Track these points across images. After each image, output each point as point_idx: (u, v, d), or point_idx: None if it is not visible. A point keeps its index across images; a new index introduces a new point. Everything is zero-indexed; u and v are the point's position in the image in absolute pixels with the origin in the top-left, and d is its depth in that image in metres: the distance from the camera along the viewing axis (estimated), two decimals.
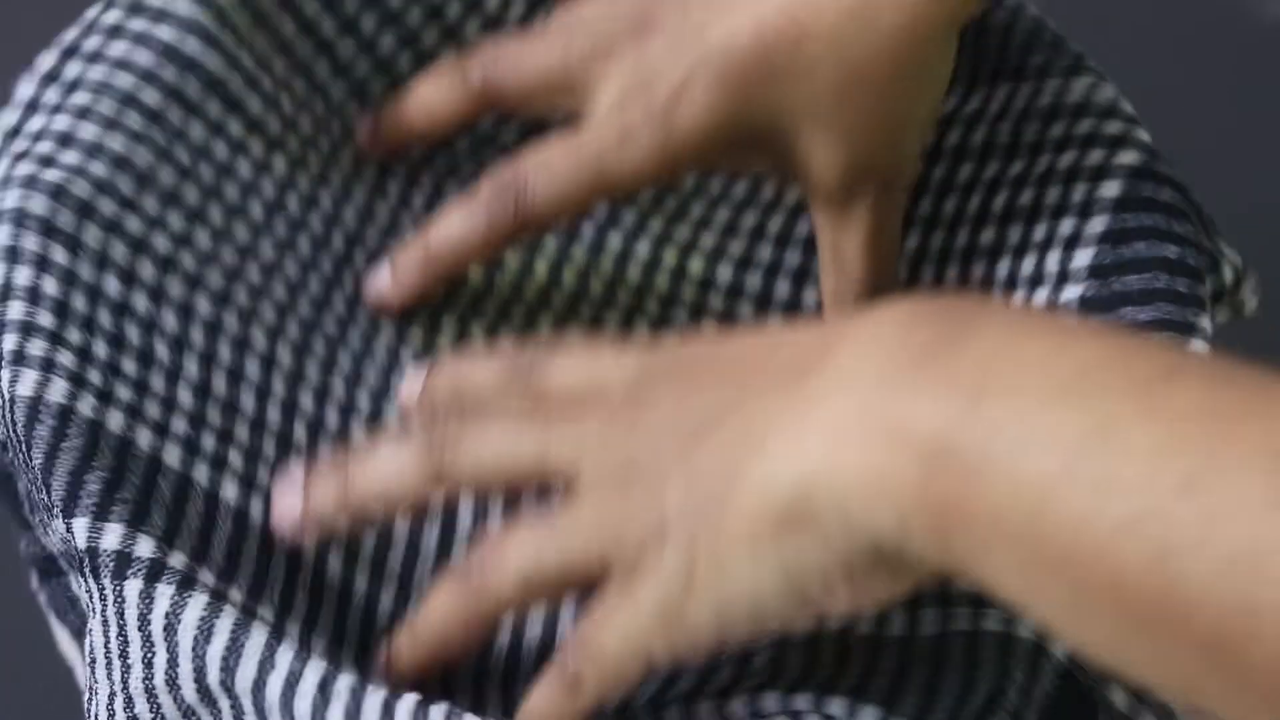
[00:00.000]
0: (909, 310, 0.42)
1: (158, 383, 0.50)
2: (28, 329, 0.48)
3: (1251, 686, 0.35)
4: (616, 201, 0.59)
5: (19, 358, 0.47)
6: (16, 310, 0.48)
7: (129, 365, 0.49)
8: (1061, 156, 0.57)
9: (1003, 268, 0.58)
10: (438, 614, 0.47)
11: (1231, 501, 0.35)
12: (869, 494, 0.40)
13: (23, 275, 0.48)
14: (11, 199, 0.50)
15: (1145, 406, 0.37)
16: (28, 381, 0.47)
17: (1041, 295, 0.56)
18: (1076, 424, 0.37)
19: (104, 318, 0.49)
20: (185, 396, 0.50)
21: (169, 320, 0.51)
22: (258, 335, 0.53)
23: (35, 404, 0.46)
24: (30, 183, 0.50)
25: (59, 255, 0.49)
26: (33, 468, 0.46)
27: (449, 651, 0.47)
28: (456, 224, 0.55)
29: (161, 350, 0.50)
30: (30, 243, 0.49)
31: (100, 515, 0.45)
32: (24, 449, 0.46)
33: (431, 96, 0.58)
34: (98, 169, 0.51)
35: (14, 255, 0.49)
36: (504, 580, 0.46)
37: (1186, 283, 0.52)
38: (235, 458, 0.50)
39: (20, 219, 0.49)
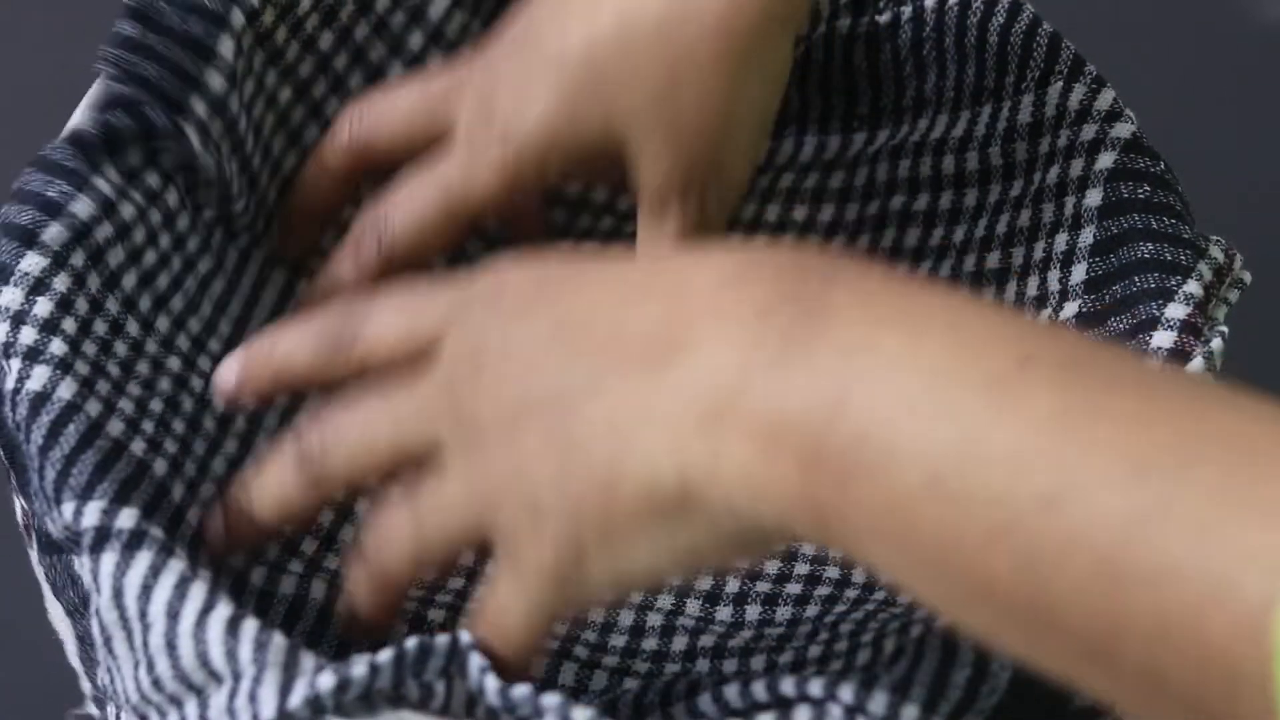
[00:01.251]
0: (763, 284, 0.41)
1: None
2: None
3: (1124, 685, 0.36)
4: (480, 228, 0.59)
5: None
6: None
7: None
8: (1050, 172, 0.57)
9: (1010, 290, 0.58)
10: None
11: (1091, 519, 0.35)
12: (749, 492, 0.40)
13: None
14: None
15: (1001, 408, 0.37)
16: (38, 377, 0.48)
17: (1045, 316, 0.55)
18: (937, 435, 0.37)
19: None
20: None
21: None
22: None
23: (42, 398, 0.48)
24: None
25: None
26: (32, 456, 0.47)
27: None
28: (334, 266, 0.57)
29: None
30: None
31: (115, 499, 0.46)
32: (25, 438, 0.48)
33: (312, 175, 0.58)
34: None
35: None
36: (394, 558, 0.47)
37: (1157, 277, 0.52)
38: None
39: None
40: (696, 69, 0.52)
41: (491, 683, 0.44)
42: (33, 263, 0.50)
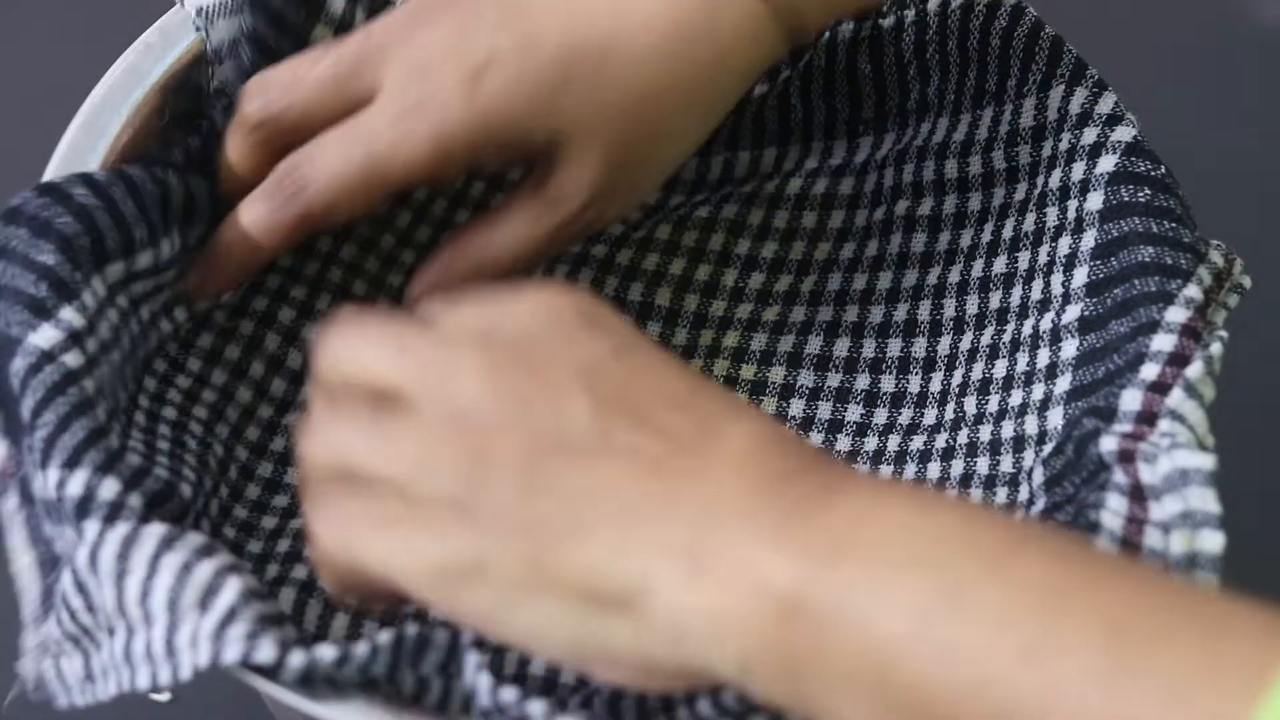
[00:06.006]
0: (790, 464, 0.42)
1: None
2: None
3: None
4: (398, 194, 0.58)
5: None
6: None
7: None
8: (1052, 175, 0.57)
9: (1015, 295, 0.58)
10: None
11: (1068, 673, 0.37)
12: (714, 630, 0.40)
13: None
14: None
15: (991, 575, 0.39)
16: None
17: (1048, 319, 0.56)
18: (926, 589, 0.39)
19: None
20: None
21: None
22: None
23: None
24: None
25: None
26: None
27: None
28: (244, 216, 0.53)
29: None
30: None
31: (99, 469, 0.47)
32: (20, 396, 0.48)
33: (224, 163, 0.54)
34: None
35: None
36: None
37: (1158, 280, 0.52)
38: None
39: None
40: (667, 103, 0.52)
41: (485, 682, 0.44)
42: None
